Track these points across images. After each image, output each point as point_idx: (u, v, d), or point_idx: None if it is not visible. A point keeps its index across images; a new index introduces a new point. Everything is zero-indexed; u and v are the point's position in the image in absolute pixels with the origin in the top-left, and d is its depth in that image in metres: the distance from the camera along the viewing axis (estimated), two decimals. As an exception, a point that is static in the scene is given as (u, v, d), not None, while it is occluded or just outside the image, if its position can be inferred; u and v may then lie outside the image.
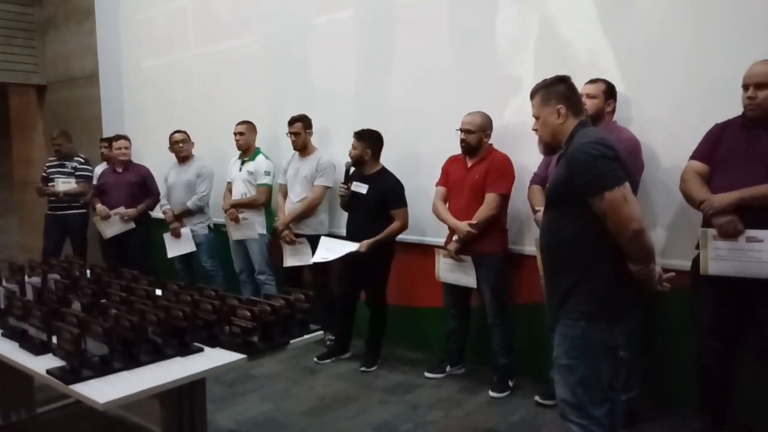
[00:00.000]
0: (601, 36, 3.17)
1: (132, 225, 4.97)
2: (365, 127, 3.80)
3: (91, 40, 6.52)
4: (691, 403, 2.81)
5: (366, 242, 3.67)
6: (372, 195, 3.72)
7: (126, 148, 5.09)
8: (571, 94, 2.07)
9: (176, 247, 4.82)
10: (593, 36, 3.19)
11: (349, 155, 3.79)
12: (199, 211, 4.81)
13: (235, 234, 4.55)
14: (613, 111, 2.95)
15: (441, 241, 3.57)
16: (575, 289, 2.00)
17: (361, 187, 3.76)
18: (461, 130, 3.38)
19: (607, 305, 1.99)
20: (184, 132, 4.85)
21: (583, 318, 1.99)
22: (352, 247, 3.69)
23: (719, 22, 2.80)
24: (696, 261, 2.60)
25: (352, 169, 3.86)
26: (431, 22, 3.86)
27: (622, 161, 1.95)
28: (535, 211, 3.03)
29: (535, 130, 2.16)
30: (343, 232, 3.96)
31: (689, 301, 2.72)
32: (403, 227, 3.73)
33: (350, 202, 3.83)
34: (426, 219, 3.76)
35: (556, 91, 2.07)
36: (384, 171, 3.80)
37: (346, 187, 3.82)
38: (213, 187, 4.87)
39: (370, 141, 3.77)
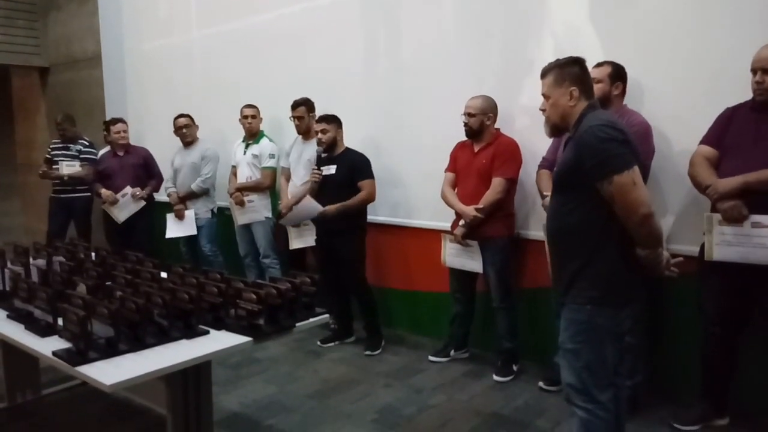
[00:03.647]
0: (609, 19, 3.13)
1: (143, 203, 4.95)
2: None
3: (93, 21, 6.48)
4: (694, 389, 2.81)
5: (332, 206, 3.70)
6: (341, 172, 3.77)
7: (124, 131, 5.06)
8: (584, 77, 2.04)
9: (177, 228, 4.82)
10: (602, 19, 3.15)
11: (319, 140, 3.80)
12: (204, 193, 4.81)
13: (240, 218, 4.54)
14: (623, 93, 2.91)
15: (447, 225, 3.55)
16: (581, 274, 1.99)
17: (329, 169, 3.80)
18: (464, 114, 3.36)
19: (613, 290, 1.97)
20: (188, 116, 4.82)
21: (589, 303, 1.98)
22: (317, 207, 3.73)
23: (727, 4, 2.76)
24: (703, 247, 2.59)
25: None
26: (438, 3, 3.81)
27: (632, 145, 1.92)
28: (543, 196, 3.01)
29: (543, 110, 2.13)
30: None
31: (695, 288, 2.71)
32: (370, 197, 3.80)
33: (320, 186, 3.84)
34: (432, 203, 3.74)
35: (570, 72, 2.03)
36: (349, 149, 3.87)
37: (320, 171, 3.82)
38: (217, 169, 4.85)
39: (337, 123, 3.83)
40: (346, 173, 3.77)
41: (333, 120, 3.81)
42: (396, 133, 4.07)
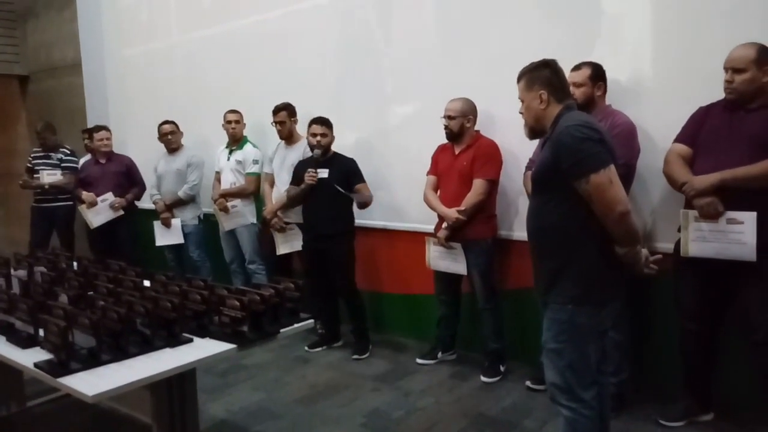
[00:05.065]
0: (589, 18, 3.16)
1: (120, 212, 4.91)
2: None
3: (72, 28, 6.43)
4: (679, 384, 2.84)
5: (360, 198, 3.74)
6: (335, 176, 3.75)
7: (107, 138, 5.02)
8: (554, 79, 2.07)
9: (165, 236, 4.80)
10: (581, 18, 3.18)
11: (318, 143, 3.75)
12: (191, 200, 4.79)
13: (226, 224, 4.52)
14: (604, 93, 2.93)
15: (431, 228, 3.56)
16: (562, 274, 2.01)
17: (322, 173, 3.77)
18: (444, 116, 3.37)
19: (593, 289, 1.99)
20: (173, 123, 4.80)
21: (570, 302, 2.00)
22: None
23: (709, 3, 2.80)
24: (678, 244, 2.62)
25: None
26: (417, 6, 3.82)
27: (608, 144, 1.95)
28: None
29: (522, 113, 2.16)
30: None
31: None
32: (371, 200, 3.83)
33: (311, 190, 3.78)
34: (415, 207, 3.75)
35: (539, 76, 2.07)
36: (337, 153, 3.86)
37: (316, 173, 3.75)
38: (203, 176, 4.83)
39: (332, 127, 3.82)
40: (341, 177, 3.75)
41: (328, 124, 3.80)
42: (379, 136, 4.08)
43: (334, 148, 3.89)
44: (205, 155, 4.85)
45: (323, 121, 3.78)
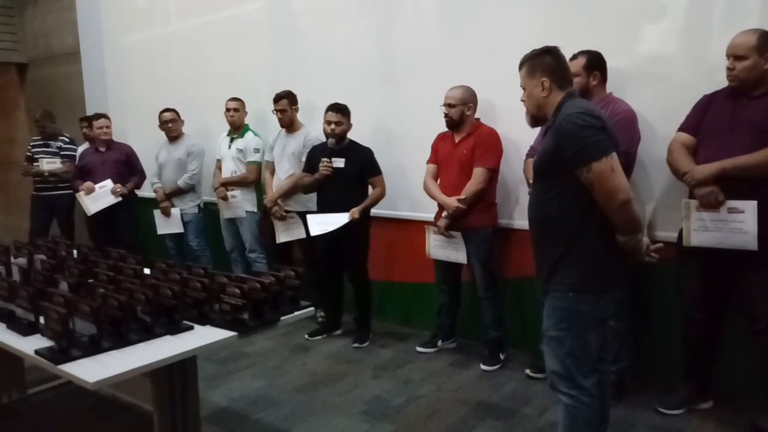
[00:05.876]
0: (590, 5, 3.13)
1: (119, 199, 4.88)
2: (344, 102, 3.76)
3: (70, 15, 6.39)
4: (679, 373, 2.85)
5: (356, 209, 3.66)
6: (352, 166, 3.70)
7: (107, 126, 4.99)
8: (556, 66, 2.05)
9: (165, 225, 4.80)
10: (582, 5, 3.15)
11: (332, 132, 3.68)
12: (190, 189, 4.78)
13: (226, 212, 4.52)
14: (603, 81, 2.90)
15: (431, 217, 3.56)
16: (563, 262, 2.00)
17: (338, 162, 3.71)
18: (444, 104, 3.36)
19: (594, 277, 1.99)
20: (174, 111, 4.78)
21: (571, 290, 2.00)
22: (344, 217, 3.65)
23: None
24: (682, 233, 2.62)
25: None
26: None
27: (610, 131, 1.94)
28: (530, 185, 3.01)
29: (524, 100, 2.15)
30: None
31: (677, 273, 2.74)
32: (384, 193, 3.78)
33: (327, 179, 3.71)
34: (416, 195, 3.75)
35: (541, 63, 2.05)
36: (354, 142, 3.80)
37: (331, 164, 3.67)
38: (203, 164, 4.82)
39: (349, 114, 3.75)
40: (358, 168, 3.71)
41: (344, 111, 3.72)
42: (380, 125, 4.06)
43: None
44: (206, 143, 4.83)
45: (339, 108, 3.70)
